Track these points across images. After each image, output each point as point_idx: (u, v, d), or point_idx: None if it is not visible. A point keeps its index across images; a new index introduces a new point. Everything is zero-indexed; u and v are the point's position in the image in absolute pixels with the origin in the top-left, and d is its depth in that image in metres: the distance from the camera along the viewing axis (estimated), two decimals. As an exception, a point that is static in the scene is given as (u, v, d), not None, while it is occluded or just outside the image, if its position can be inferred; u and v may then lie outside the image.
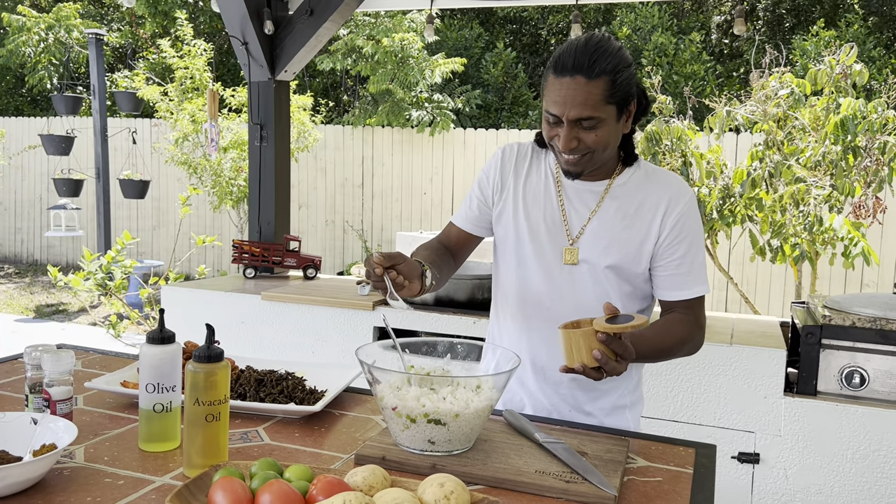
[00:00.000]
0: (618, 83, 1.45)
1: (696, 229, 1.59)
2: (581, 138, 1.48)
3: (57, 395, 1.33)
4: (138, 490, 1.13)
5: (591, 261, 1.58)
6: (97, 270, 4.84)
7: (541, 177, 1.66)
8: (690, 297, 1.60)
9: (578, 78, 1.43)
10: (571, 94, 1.44)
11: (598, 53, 1.43)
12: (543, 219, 1.62)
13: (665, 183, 1.60)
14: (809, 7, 10.90)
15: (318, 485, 1.01)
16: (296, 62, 3.87)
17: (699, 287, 1.60)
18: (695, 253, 1.59)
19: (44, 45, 10.33)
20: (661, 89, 5.17)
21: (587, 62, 1.42)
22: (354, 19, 9.38)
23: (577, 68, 1.43)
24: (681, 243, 1.57)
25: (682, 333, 1.58)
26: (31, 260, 10.76)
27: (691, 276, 1.58)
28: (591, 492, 1.14)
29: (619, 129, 1.52)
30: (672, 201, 1.57)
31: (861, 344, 2.49)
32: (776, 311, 6.96)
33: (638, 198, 1.59)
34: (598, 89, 1.43)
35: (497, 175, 1.69)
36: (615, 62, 1.44)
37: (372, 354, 1.37)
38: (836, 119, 4.19)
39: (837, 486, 2.52)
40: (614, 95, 1.45)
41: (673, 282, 1.59)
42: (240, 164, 7.46)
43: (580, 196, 1.61)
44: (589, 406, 1.65)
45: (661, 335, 1.56)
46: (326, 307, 3.20)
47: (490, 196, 1.70)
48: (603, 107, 1.45)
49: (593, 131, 1.47)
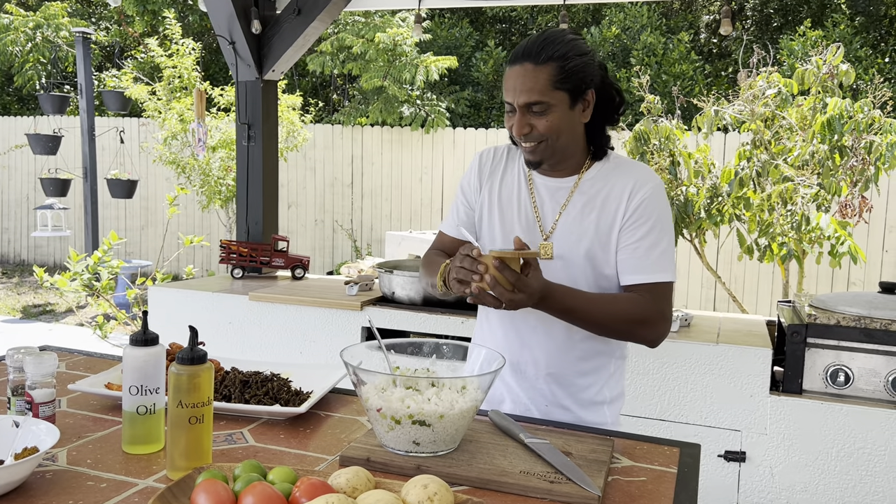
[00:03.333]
0: (567, 69, 1.49)
1: (661, 215, 1.58)
2: (533, 124, 1.52)
3: (39, 397, 1.32)
4: (121, 493, 1.12)
5: (565, 255, 1.60)
6: (84, 271, 4.81)
7: (514, 177, 1.69)
8: (650, 282, 1.56)
9: (527, 64, 1.49)
10: (521, 81, 1.49)
11: (548, 42, 1.49)
12: (518, 217, 1.65)
13: (631, 171, 1.61)
14: (797, 7, 10.95)
15: (301, 487, 1.01)
16: (283, 62, 3.86)
17: (661, 274, 1.56)
18: (657, 238, 1.56)
19: (31, 44, 10.25)
20: (650, 89, 5.19)
21: (535, 49, 1.49)
22: (344, 19, 9.36)
23: (525, 55, 1.49)
24: (642, 226, 1.56)
25: (630, 309, 1.55)
26: (18, 260, 10.68)
27: (650, 261, 1.56)
28: (575, 492, 1.15)
29: (573, 117, 1.54)
30: (636, 186, 1.58)
31: (846, 343, 2.51)
32: (764, 309, 7.00)
33: (605, 188, 1.60)
34: (544, 74, 1.48)
35: (476, 179, 1.73)
36: (565, 50, 1.49)
37: (357, 356, 1.37)
38: (822, 119, 4.21)
39: (823, 484, 2.54)
40: (564, 82, 1.49)
41: (632, 265, 1.57)
42: (228, 164, 7.43)
43: (551, 192, 1.64)
44: (566, 401, 1.65)
45: (601, 300, 1.55)
46: (314, 307, 3.20)
47: (473, 201, 1.73)
48: (551, 92, 1.49)
49: (544, 117, 1.51)
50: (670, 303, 1.60)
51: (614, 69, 10.06)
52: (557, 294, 1.47)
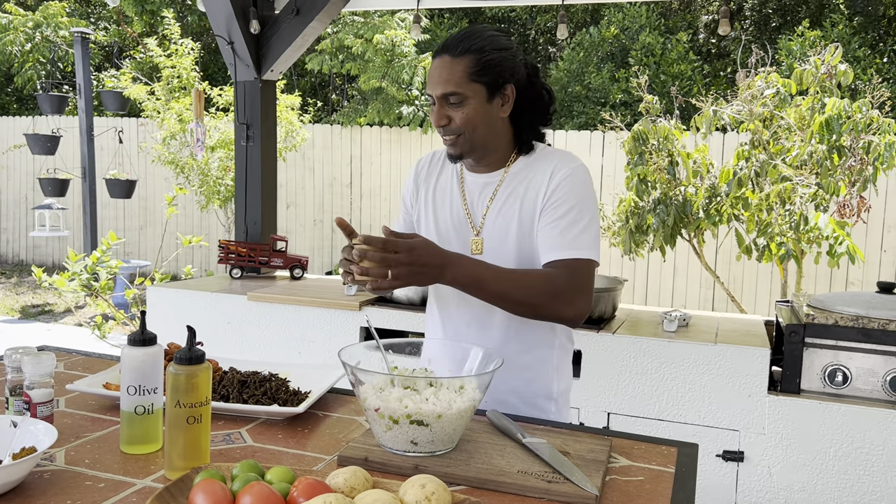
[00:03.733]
0: (483, 62, 1.52)
1: (582, 195, 1.56)
2: (451, 116, 1.55)
3: (37, 397, 1.32)
4: (119, 493, 1.12)
5: (494, 249, 1.62)
6: (82, 271, 4.81)
7: (448, 177, 1.72)
8: (567, 258, 1.53)
9: (444, 57, 1.54)
10: (437, 73, 1.54)
11: (467, 36, 1.53)
12: (450, 216, 1.68)
13: (553, 157, 1.63)
14: (795, 7, 10.96)
15: (299, 486, 1.01)
16: (282, 61, 3.86)
17: (579, 251, 1.53)
18: (577, 216, 1.54)
19: (30, 43, 10.24)
20: (648, 89, 5.19)
21: (454, 42, 1.53)
22: (343, 19, 9.36)
23: (445, 48, 1.54)
24: (562, 205, 1.55)
25: (543, 282, 1.51)
26: (16, 260, 10.68)
27: (569, 238, 1.53)
28: (572, 491, 1.15)
29: (491, 110, 1.57)
30: (556, 168, 1.59)
31: (843, 342, 2.51)
32: (762, 309, 7.00)
33: (529, 177, 1.63)
34: (461, 66, 1.52)
35: (413, 184, 1.78)
36: (483, 43, 1.53)
37: (355, 355, 1.37)
38: (821, 119, 4.22)
39: (821, 484, 2.55)
40: (481, 74, 1.52)
41: (550, 242, 1.55)
42: (227, 164, 7.43)
43: (479, 188, 1.66)
44: (510, 397, 1.66)
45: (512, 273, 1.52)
46: (312, 307, 3.20)
47: (411, 206, 1.78)
48: (467, 84, 1.52)
49: (460, 109, 1.54)
50: (590, 280, 1.55)
51: (613, 69, 10.06)
52: (462, 263, 1.45)
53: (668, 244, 4.60)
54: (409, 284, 1.41)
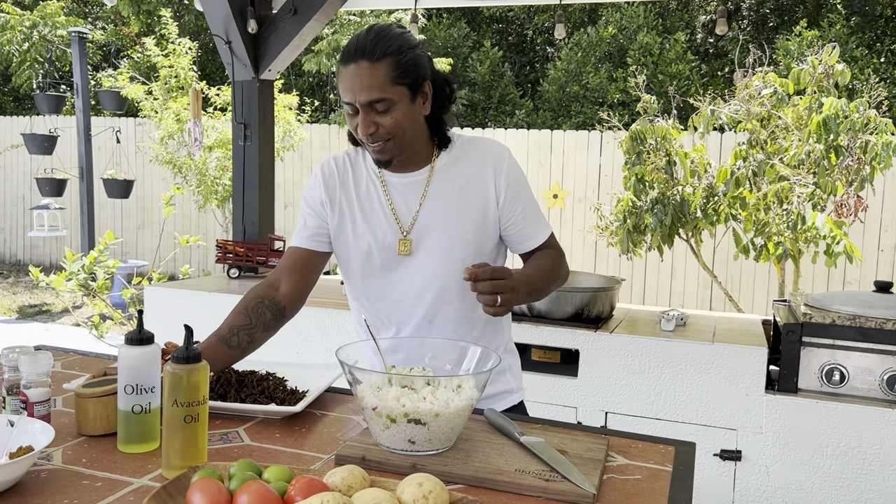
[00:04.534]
0: (402, 63, 1.49)
1: (524, 180, 1.69)
2: (378, 122, 1.51)
3: (34, 396, 1.32)
4: (116, 492, 1.12)
5: (433, 246, 1.63)
6: (80, 271, 4.81)
7: (366, 180, 1.69)
8: (544, 241, 1.70)
9: (362, 63, 1.47)
10: (358, 80, 1.48)
11: (379, 38, 1.48)
12: (382, 218, 1.65)
13: (482, 148, 1.67)
14: (793, 7, 10.98)
15: (296, 485, 1.01)
16: (280, 61, 3.86)
17: (546, 228, 1.72)
18: (530, 202, 1.69)
19: (28, 43, 10.23)
20: (646, 89, 5.20)
21: (369, 47, 1.47)
22: (339, 18, 9.35)
23: (359, 53, 1.48)
24: (518, 197, 1.66)
25: (553, 262, 1.68)
26: (13, 260, 10.66)
27: (537, 223, 1.69)
28: (570, 490, 1.15)
29: (415, 111, 1.56)
30: (497, 163, 1.65)
31: (841, 341, 2.52)
32: (760, 309, 7.01)
33: (465, 171, 1.65)
34: (382, 71, 1.48)
35: (322, 192, 1.69)
36: (397, 44, 1.49)
37: (353, 355, 1.37)
38: (818, 118, 4.22)
39: (818, 483, 2.55)
40: (403, 76, 1.50)
41: (525, 233, 1.68)
42: (225, 164, 7.42)
43: (405, 188, 1.65)
44: None
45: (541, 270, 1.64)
46: (310, 307, 3.19)
47: (322, 213, 1.70)
48: (391, 87, 1.49)
49: (388, 114, 1.51)
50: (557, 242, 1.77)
51: (611, 69, 10.07)
52: (523, 279, 1.53)
53: (666, 244, 4.60)
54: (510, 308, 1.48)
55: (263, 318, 1.62)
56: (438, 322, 1.66)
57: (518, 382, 1.82)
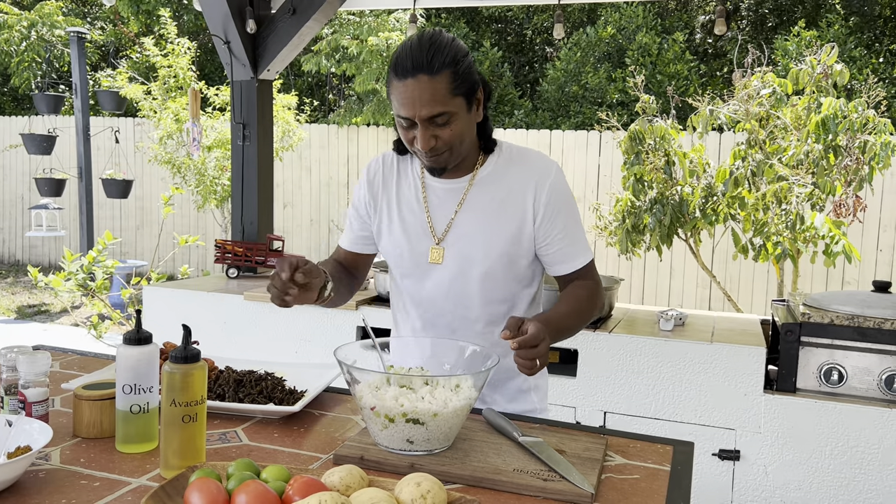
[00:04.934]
0: (460, 74, 1.46)
1: (568, 200, 1.63)
2: (438, 135, 1.48)
3: (32, 396, 1.32)
4: (114, 491, 1.12)
5: (457, 258, 1.60)
6: (78, 271, 4.80)
7: (410, 184, 1.67)
8: (581, 266, 1.64)
9: (421, 77, 1.43)
10: (418, 94, 1.44)
11: (435, 49, 1.44)
12: (415, 224, 1.64)
13: (529, 162, 1.62)
14: (791, 7, 10.98)
15: (294, 485, 1.01)
16: (278, 61, 3.86)
17: (587, 254, 1.65)
18: (573, 223, 1.63)
19: (26, 42, 10.21)
20: (645, 89, 5.20)
21: (426, 60, 1.43)
22: (338, 18, 9.35)
23: (417, 68, 1.43)
24: (558, 217, 1.60)
25: (589, 299, 1.62)
26: (12, 260, 10.65)
27: (577, 246, 1.63)
28: (568, 489, 1.15)
29: (472, 119, 1.54)
30: (540, 179, 1.59)
31: (839, 341, 2.52)
32: (759, 309, 7.01)
33: (506, 182, 1.60)
34: (442, 84, 1.44)
35: (367, 193, 1.70)
36: (453, 54, 1.45)
37: (351, 354, 1.37)
38: (817, 118, 4.23)
39: (816, 482, 2.55)
40: (460, 87, 1.46)
41: (563, 255, 1.62)
42: (224, 164, 7.42)
43: (444, 194, 1.63)
44: (490, 396, 1.68)
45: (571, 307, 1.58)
46: (309, 307, 3.19)
47: (366, 215, 1.71)
48: (451, 100, 1.46)
49: (448, 127, 1.48)
50: (596, 271, 1.71)
51: (610, 69, 10.07)
52: (550, 322, 1.46)
53: (665, 244, 4.60)
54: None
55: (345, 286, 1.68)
56: (461, 334, 1.64)
57: (543, 403, 1.76)
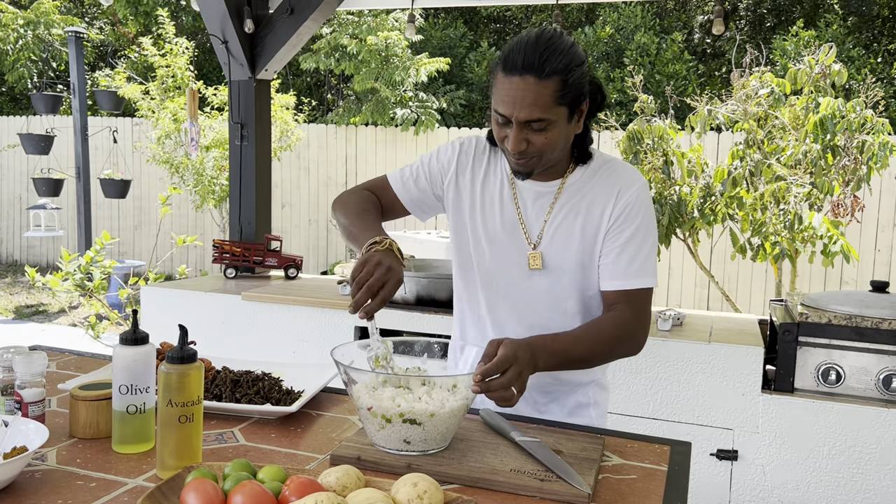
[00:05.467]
0: (570, 83, 1.37)
1: (645, 219, 1.52)
2: (530, 140, 1.41)
3: (29, 397, 1.31)
4: (111, 492, 1.12)
5: (553, 264, 1.55)
6: (76, 271, 4.80)
7: (497, 178, 1.60)
8: (629, 289, 1.51)
9: (528, 78, 1.35)
10: (521, 95, 1.36)
11: (550, 52, 1.35)
12: (501, 223, 1.58)
13: (616, 173, 1.55)
14: (790, 7, 10.99)
15: (290, 485, 1.01)
16: (276, 61, 3.85)
17: (643, 279, 1.51)
18: (640, 242, 1.51)
19: (22, 42, 10.19)
20: (643, 88, 5.20)
21: (538, 61, 1.34)
22: (337, 18, 9.35)
23: (526, 67, 1.35)
24: (625, 230, 1.51)
25: (612, 332, 1.49)
26: (10, 260, 10.64)
27: (633, 266, 1.51)
28: (565, 490, 1.15)
29: (570, 130, 1.46)
30: (622, 190, 1.52)
31: (837, 341, 2.52)
32: (757, 308, 7.02)
33: (590, 193, 1.54)
34: (548, 90, 1.36)
35: (453, 165, 1.62)
36: (567, 60, 1.36)
37: (348, 355, 1.37)
38: (815, 118, 4.23)
39: (814, 482, 2.55)
40: (566, 96, 1.38)
41: (612, 270, 1.52)
42: (222, 163, 7.41)
43: (535, 198, 1.56)
44: (547, 406, 1.64)
45: (583, 333, 1.48)
46: (307, 307, 3.19)
47: (440, 182, 1.64)
48: (553, 108, 1.38)
49: (543, 133, 1.40)
50: (650, 309, 1.56)
51: (608, 69, 10.07)
52: (543, 345, 1.38)
53: (663, 243, 4.60)
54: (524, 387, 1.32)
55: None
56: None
57: (601, 420, 1.67)
